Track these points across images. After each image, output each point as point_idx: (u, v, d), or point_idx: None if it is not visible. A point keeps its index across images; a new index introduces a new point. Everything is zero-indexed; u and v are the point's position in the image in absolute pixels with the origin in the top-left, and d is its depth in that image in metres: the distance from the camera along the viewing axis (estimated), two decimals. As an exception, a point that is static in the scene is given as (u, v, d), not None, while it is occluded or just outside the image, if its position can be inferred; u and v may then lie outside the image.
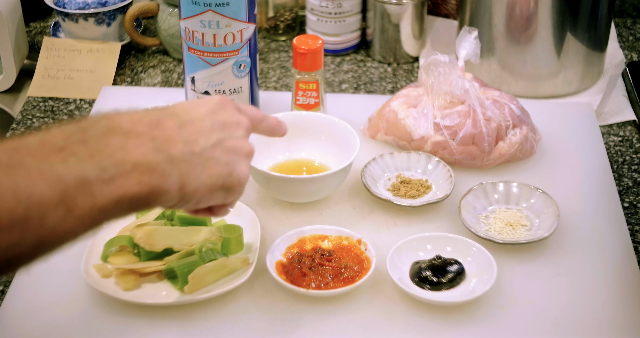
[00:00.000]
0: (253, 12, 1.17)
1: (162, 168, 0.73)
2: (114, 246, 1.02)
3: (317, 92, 1.22)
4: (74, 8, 1.43)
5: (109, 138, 0.71)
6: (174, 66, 1.47)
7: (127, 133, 0.73)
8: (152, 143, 0.74)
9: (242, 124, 0.84)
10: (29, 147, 0.68)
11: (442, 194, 1.11)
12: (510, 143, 1.17)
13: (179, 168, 0.75)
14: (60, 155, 0.68)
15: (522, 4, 1.31)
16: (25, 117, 1.35)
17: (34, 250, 0.67)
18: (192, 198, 0.77)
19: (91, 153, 0.69)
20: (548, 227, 1.06)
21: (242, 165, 0.82)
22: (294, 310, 0.98)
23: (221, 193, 0.80)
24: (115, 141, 0.71)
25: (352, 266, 1.00)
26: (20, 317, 0.98)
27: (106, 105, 1.33)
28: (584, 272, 1.03)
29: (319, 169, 1.16)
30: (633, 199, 1.18)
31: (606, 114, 1.33)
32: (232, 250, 1.03)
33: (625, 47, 1.51)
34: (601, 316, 0.98)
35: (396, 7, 1.43)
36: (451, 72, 1.17)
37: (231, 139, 0.81)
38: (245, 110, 0.87)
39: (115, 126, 0.73)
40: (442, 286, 0.99)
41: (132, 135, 0.73)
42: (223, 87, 1.21)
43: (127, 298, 0.97)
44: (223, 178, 0.79)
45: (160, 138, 0.75)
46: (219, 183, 0.79)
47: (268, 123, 0.91)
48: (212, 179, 0.78)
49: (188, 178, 0.76)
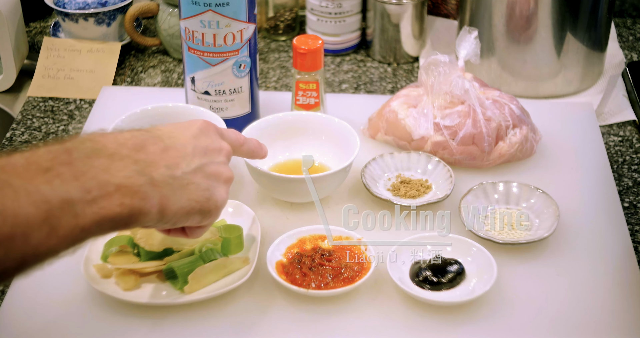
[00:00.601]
0: (253, 12, 1.17)
1: (144, 191, 0.76)
2: (114, 246, 1.02)
3: (317, 92, 1.22)
4: (74, 8, 1.43)
5: (94, 159, 0.74)
6: (174, 66, 1.47)
7: (111, 155, 0.76)
8: (135, 166, 0.77)
9: (223, 150, 0.88)
10: (15, 167, 0.70)
11: (442, 194, 1.11)
12: (510, 143, 1.17)
13: (160, 191, 0.78)
14: (46, 176, 0.70)
15: (522, 4, 1.31)
16: (25, 117, 1.35)
17: (16, 267, 0.68)
18: (170, 219, 0.80)
19: (75, 174, 0.72)
20: (548, 227, 1.06)
21: (220, 191, 0.85)
22: (294, 310, 0.98)
23: (197, 216, 0.84)
24: (99, 163, 0.74)
25: (352, 266, 1.00)
26: (20, 316, 0.98)
27: (106, 105, 1.33)
28: (584, 272, 1.03)
29: (319, 169, 1.16)
30: (633, 199, 1.18)
31: (606, 114, 1.33)
32: (232, 250, 1.03)
33: (625, 47, 1.51)
34: (601, 316, 0.98)
35: (396, 7, 1.43)
36: (451, 72, 1.17)
37: (212, 164, 0.85)
38: (228, 135, 0.92)
39: (100, 147, 0.76)
40: (442, 286, 0.99)
41: (116, 157, 0.76)
42: (223, 87, 1.20)
43: (127, 298, 0.97)
44: (201, 202, 0.83)
45: (143, 161, 0.78)
46: (197, 207, 0.82)
47: (249, 147, 0.96)
48: (190, 203, 0.82)
49: (168, 201, 0.79)
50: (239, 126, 1.20)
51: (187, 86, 1.22)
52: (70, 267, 1.01)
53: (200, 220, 0.85)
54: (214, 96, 1.21)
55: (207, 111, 1.19)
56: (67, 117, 1.35)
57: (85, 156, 0.74)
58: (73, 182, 0.71)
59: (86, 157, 0.74)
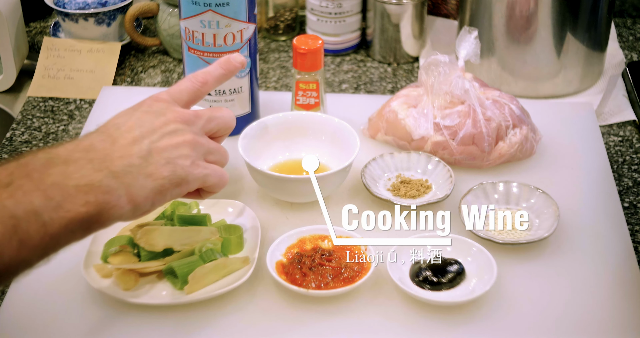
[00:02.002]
0: (253, 12, 1.17)
1: (106, 184, 0.77)
2: (114, 246, 1.02)
3: (317, 92, 1.22)
4: (74, 8, 1.43)
5: (50, 168, 0.75)
6: (174, 66, 1.47)
7: (65, 161, 0.77)
8: (91, 165, 0.77)
9: (170, 120, 0.86)
10: None
11: (442, 194, 1.11)
12: (510, 143, 1.17)
13: (123, 181, 0.78)
14: (8, 191, 0.72)
15: (522, 4, 1.31)
16: (25, 117, 1.35)
17: None
18: (145, 205, 0.81)
19: (36, 184, 0.73)
20: (548, 227, 1.06)
21: (183, 159, 0.84)
22: (294, 310, 0.98)
23: (175, 190, 0.84)
24: (56, 170, 0.75)
25: (352, 266, 1.00)
26: (20, 316, 0.98)
27: (106, 105, 1.33)
28: (584, 272, 1.03)
29: (319, 169, 1.16)
30: (633, 199, 1.18)
31: (606, 114, 1.33)
32: (232, 250, 1.03)
33: (625, 47, 1.51)
34: (601, 316, 0.98)
35: (396, 7, 1.43)
36: (451, 72, 1.17)
37: (162, 139, 0.84)
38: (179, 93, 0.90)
39: (53, 156, 0.77)
40: (442, 286, 0.99)
41: (70, 162, 0.77)
42: (223, 87, 1.20)
43: (127, 298, 0.97)
44: (168, 178, 0.83)
45: (96, 159, 0.78)
46: (166, 183, 0.82)
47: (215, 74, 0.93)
48: (157, 182, 0.82)
49: (133, 188, 0.79)
50: (239, 126, 1.19)
51: (187, 86, 1.22)
52: (70, 267, 1.01)
53: (180, 191, 0.84)
54: (213, 96, 1.21)
55: (207, 111, 1.19)
56: (67, 117, 1.35)
57: (42, 166, 0.75)
58: (35, 192, 0.73)
59: (42, 167, 0.75)
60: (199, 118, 0.88)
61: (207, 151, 0.88)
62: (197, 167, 0.85)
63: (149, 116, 0.86)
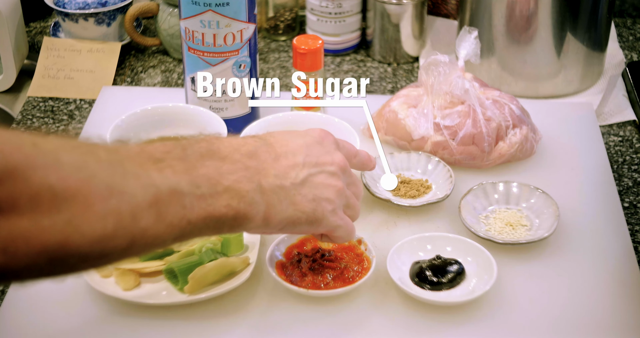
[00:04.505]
0: (253, 12, 1.17)
1: (251, 197, 0.77)
2: (114, 246, 1.02)
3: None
4: (74, 8, 1.43)
5: (206, 159, 0.75)
6: (174, 66, 1.47)
7: (224, 158, 0.77)
8: (246, 172, 0.78)
9: (335, 162, 0.87)
10: (128, 152, 0.71)
11: (442, 194, 1.11)
12: (510, 143, 1.17)
13: (267, 200, 0.79)
14: (158, 165, 0.71)
15: (522, 4, 1.31)
16: (25, 117, 1.36)
17: (125, 247, 0.68)
18: (275, 227, 0.81)
19: (187, 169, 0.73)
20: (548, 227, 1.06)
21: (327, 202, 0.85)
22: (294, 310, 0.98)
23: (305, 226, 0.84)
24: (211, 164, 0.75)
25: (352, 266, 1.00)
26: (20, 316, 0.98)
27: (106, 105, 1.33)
28: (584, 272, 1.03)
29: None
30: (633, 199, 1.18)
31: (606, 114, 1.33)
32: (232, 250, 1.03)
33: (625, 47, 1.51)
34: (601, 316, 0.98)
35: (396, 7, 1.43)
36: (451, 72, 1.17)
37: (321, 175, 0.85)
38: (343, 145, 0.91)
39: (214, 149, 0.77)
40: (442, 286, 0.99)
41: (228, 161, 0.77)
42: (223, 87, 1.20)
43: (127, 298, 0.97)
44: (307, 213, 0.83)
45: (253, 168, 0.79)
46: (302, 217, 0.83)
47: (360, 159, 0.95)
48: (296, 213, 0.82)
49: (274, 210, 0.80)
50: (238, 126, 1.20)
51: (187, 86, 1.22)
52: (70, 267, 1.01)
53: (309, 229, 0.85)
54: (214, 96, 1.21)
55: (207, 111, 1.20)
56: (67, 117, 1.35)
57: (199, 155, 0.75)
58: (184, 175, 0.72)
59: (200, 156, 0.75)
60: (352, 175, 0.91)
61: (347, 203, 0.89)
62: (335, 215, 0.87)
63: (320, 148, 0.87)
